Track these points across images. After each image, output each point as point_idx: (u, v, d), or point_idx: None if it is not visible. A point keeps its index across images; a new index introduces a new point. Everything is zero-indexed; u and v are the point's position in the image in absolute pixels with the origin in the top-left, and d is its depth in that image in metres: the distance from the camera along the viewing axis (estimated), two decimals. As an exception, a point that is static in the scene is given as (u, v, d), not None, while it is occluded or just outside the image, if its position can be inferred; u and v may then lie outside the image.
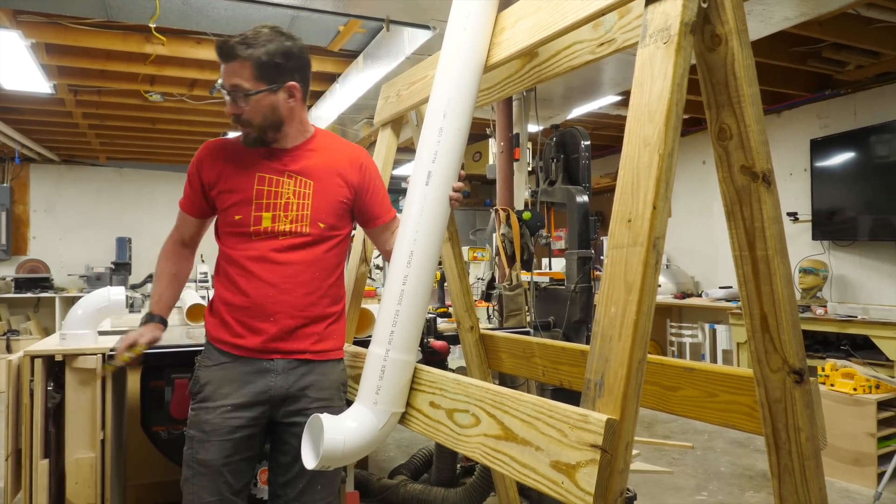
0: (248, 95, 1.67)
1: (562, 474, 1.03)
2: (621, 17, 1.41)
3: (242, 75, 1.65)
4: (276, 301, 1.72)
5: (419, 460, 3.55)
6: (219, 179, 1.77)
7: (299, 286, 1.74)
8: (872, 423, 3.61)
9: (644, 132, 1.06)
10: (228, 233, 1.77)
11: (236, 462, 1.72)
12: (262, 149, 1.77)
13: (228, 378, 1.73)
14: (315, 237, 1.76)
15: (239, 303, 1.74)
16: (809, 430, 1.18)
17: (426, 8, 3.20)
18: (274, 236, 1.73)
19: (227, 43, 1.64)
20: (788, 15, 3.23)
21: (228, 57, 1.65)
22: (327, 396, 1.78)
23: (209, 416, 1.71)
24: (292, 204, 1.74)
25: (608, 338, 1.03)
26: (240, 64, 1.65)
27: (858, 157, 5.37)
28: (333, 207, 1.79)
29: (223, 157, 1.78)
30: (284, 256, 1.73)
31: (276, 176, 1.75)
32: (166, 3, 3.43)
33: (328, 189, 1.78)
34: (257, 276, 1.72)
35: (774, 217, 1.14)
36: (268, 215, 1.73)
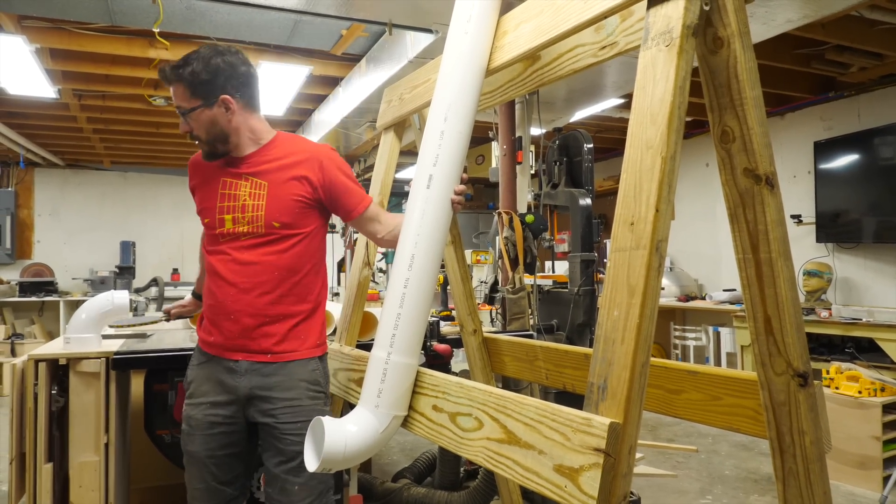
0: (187, 113, 1.80)
1: (565, 478, 1.03)
2: (623, 20, 1.41)
3: (180, 95, 1.79)
4: (236, 300, 1.80)
5: (422, 464, 3.54)
6: (196, 187, 1.94)
7: (258, 285, 1.80)
8: (878, 427, 3.60)
9: (646, 135, 1.06)
10: (205, 235, 1.92)
11: (220, 456, 1.84)
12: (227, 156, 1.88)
13: (206, 376, 1.86)
14: (271, 236, 1.82)
15: (210, 302, 1.87)
16: (814, 433, 1.17)
17: (428, 11, 3.20)
18: (236, 237, 1.83)
19: (164, 68, 1.79)
20: (791, 17, 3.22)
21: (168, 81, 1.79)
22: (294, 397, 1.81)
23: (193, 411, 1.85)
24: (248, 205, 1.82)
25: (611, 341, 1.03)
26: (176, 85, 1.79)
27: (862, 160, 5.36)
28: (288, 206, 1.83)
29: (199, 168, 1.94)
30: (244, 256, 1.82)
31: (235, 180, 1.85)
32: (170, 7, 3.44)
33: (282, 189, 1.83)
34: (220, 276, 1.83)
35: (778, 220, 1.13)
36: (228, 217, 1.83)
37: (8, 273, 8.27)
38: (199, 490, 1.85)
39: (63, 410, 2.41)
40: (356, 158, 7.53)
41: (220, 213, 1.83)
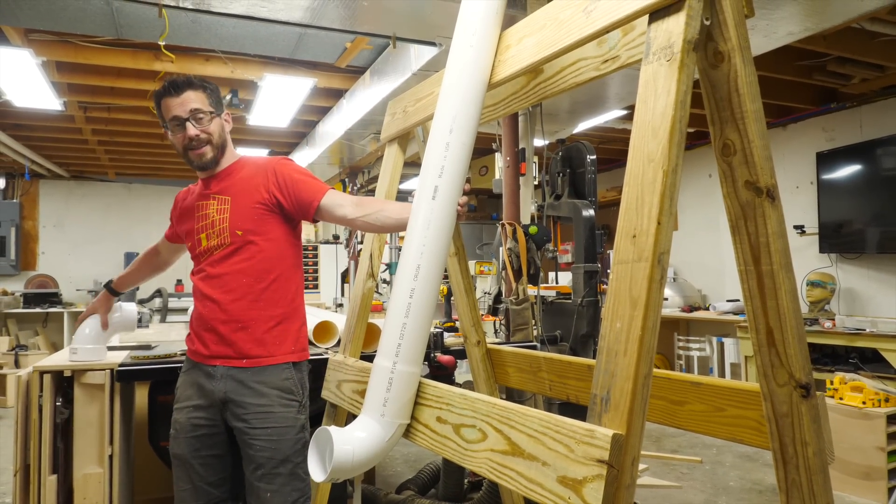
0: (205, 116, 1.93)
1: (568, 489, 1.04)
2: (625, 34, 1.42)
3: (198, 100, 1.92)
4: (213, 310, 1.92)
5: (426, 475, 3.53)
6: (178, 217, 2.13)
7: (228, 293, 1.91)
8: (882, 437, 3.59)
9: (648, 149, 1.07)
10: (192, 259, 2.05)
11: (204, 457, 1.92)
12: (200, 184, 2.05)
13: (190, 382, 1.97)
14: (236, 245, 1.93)
15: (194, 316, 2.00)
16: (817, 444, 1.18)
17: (432, 25, 3.23)
18: (210, 253, 1.95)
19: (176, 80, 1.92)
20: (792, 30, 3.24)
21: (183, 88, 1.91)
22: (265, 403, 1.88)
23: (178, 415, 1.96)
24: (216, 220, 1.96)
25: (614, 353, 1.03)
26: (194, 92, 1.92)
27: (865, 170, 5.37)
28: (249, 213, 1.94)
29: (179, 200, 2.15)
30: (215, 269, 1.94)
31: (205, 201, 2.00)
32: (175, 21, 3.48)
33: (243, 200, 1.96)
34: (200, 291, 1.96)
35: (779, 232, 1.14)
36: (203, 236, 1.97)
37: (12, 284, 8.30)
38: (186, 491, 1.93)
39: (67, 422, 2.41)
40: (360, 170, 7.56)
41: (196, 234, 1.98)
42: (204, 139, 1.93)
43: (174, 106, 1.90)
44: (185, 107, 1.90)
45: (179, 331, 3.90)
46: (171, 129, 1.94)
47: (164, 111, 1.94)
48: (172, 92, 1.91)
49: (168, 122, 1.93)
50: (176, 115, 1.90)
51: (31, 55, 3.94)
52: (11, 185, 8.53)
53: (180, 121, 1.91)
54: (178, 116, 1.90)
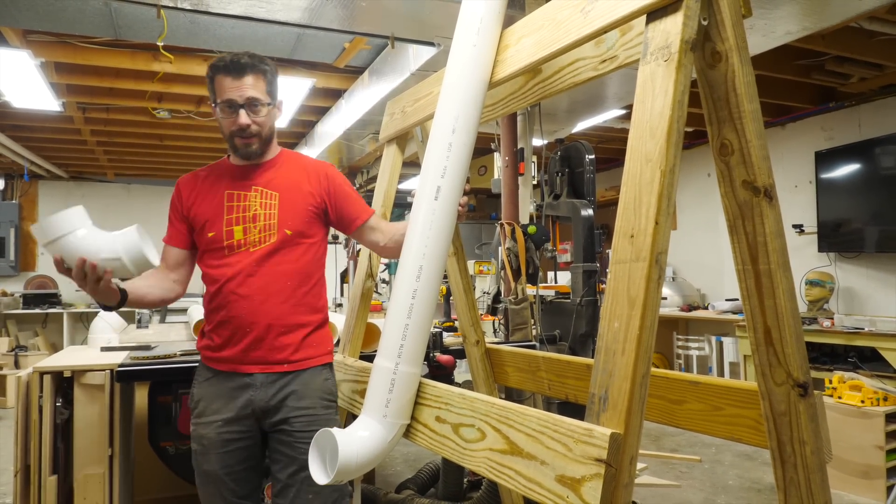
0: (266, 106, 1.80)
1: (567, 488, 1.04)
2: (623, 34, 1.43)
3: (258, 88, 1.78)
4: (252, 312, 1.78)
5: (426, 475, 3.54)
6: (193, 202, 1.88)
7: (272, 295, 1.80)
8: (881, 436, 3.59)
9: (646, 149, 1.07)
10: (205, 251, 1.86)
11: (238, 471, 1.81)
12: (229, 170, 1.89)
13: (216, 394, 1.81)
14: (283, 243, 1.82)
15: (219, 318, 1.82)
16: (814, 443, 1.18)
17: (431, 25, 3.23)
18: (245, 248, 1.81)
19: (238, 59, 1.75)
20: (791, 29, 3.25)
21: (244, 70, 1.75)
22: (308, 405, 1.82)
23: (205, 430, 1.81)
24: (260, 215, 1.82)
25: (612, 352, 1.04)
26: (255, 77, 1.77)
27: (864, 169, 5.37)
28: (300, 214, 1.86)
29: (195, 183, 1.91)
30: (257, 268, 1.80)
31: (243, 191, 1.85)
32: (174, 21, 3.47)
33: (294, 198, 1.86)
34: (233, 291, 1.79)
35: (776, 231, 1.14)
36: (238, 228, 1.81)
37: (12, 285, 8.30)
38: None
39: (67, 423, 2.42)
40: (358, 170, 7.57)
41: (227, 225, 1.81)
42: (255, 131, 1.80)
43: (230, 88, 1.75)
44: (243, 92, 1.75)
45: (179, 331, 3.91)
46: (221, 111, 1.78)
47: (218, 88, 1.77)
48: (232, 71, 1.74)
49: (219, 102, 1.77)
50: (230, 99, 1.75)
51: (30, 56, 3.93)
52: (10, 186, 8.53)
53: (234, 105, 1.76)
54: (232, 101, 1.75)
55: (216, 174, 1.90)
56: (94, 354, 2.73)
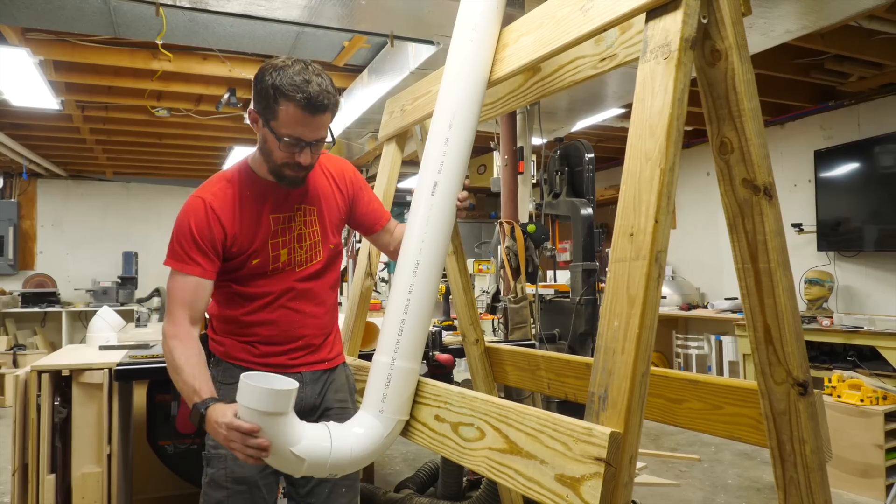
0: (326, 141, 1.65)
1: (566, 487, 1.04)
2: (622, 32, 1.42)
3: (326, 125, 1.63)
4: (303, 325, 1.76)
5: (425, 474, 3.54)
6: (238, 232, 1.68)
7: (320, 306, 1.80)
8: (880, 435, 3.59)
9: (645, 147, 1.07)
10: (243, 276, 1.72)
11: (269, 476, 1.72)
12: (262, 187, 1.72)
13: None
14: (328, 258, 1.81)
15: (265, 332, 1.72)
16: (814, 442, 1.18)
17: (430, 24, 3.23)
18: (291, 268, 1.73)
19: (319, 97, 1.55)
20: (790, 28, 3.24)
21: (324, 111, 1.58)
22: (343, 398, 1.85)
23: None
24: (304, 234, 1.76)
25: (611, 351, 1.04)
26: (328, 116, 1.61)
27: (863, 168, 5.37)
28: (337, 226, 1.85)
29: (234, 205, 1.69)
30: (306, 285, 1.76)
31: (286, 213, 1.73)
32: (173, 19, 3.47)
33: (329, 210, 1.82)
34: (281, 305, 1.72)
35: (776, 230, 1.14)
36: (284, 251, 1.73)
37: (10, 284, 8.29)
38: None
39: (66, 422, 2.41)
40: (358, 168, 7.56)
41: (273, 251, 1.71)
42: (311, 168, 1.68)
43: (304, 125, 1.57)
44: (317, 133, 1.60)
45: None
46: (282, 141, 1.58)
47: (286, 119, 1.56)
48: (311, 110, 1.55)
49: (281, 134, 1.57)
50: (300, 137, 1.58)
51: (29, 54, 3.93)
52: (9, 185, 8.52)
53: (302, 144, 1.59)
54: (302, 139, 1.58)
55: (251, 193, 1.71)
56: (92, 353, 2.73)
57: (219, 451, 1.67)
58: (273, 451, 1.37)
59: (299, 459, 1.39)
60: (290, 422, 1.39)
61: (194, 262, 1.62)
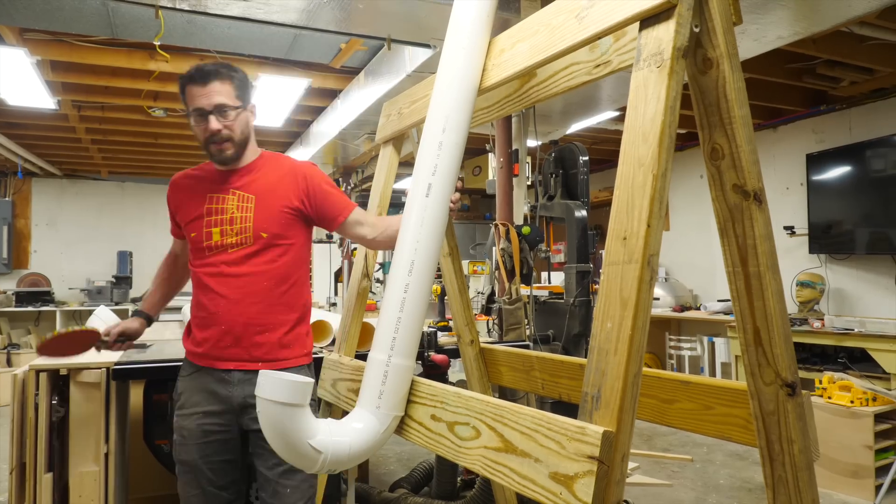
0: (234, 109, 1.85)
1: (560, 485, 1.06)
2: (617, 40, 1.45)
3: (224, 93, 1.83)
4: (228, 311, 1.86)
5: (420, 473, 3.56)
6: (179, 204, 1.98)
7: (248, 296, 1.87)
8: (870, 436, 3.63)
9: (638, 153, 1.10)
10: (191, 250, 1.95)
11: (215, 462, 1.87)
12: (212, 173, 1.96)
13: (198, 387, 1.89)
14: (260, 247, 1.88)
15: (199, 314, 1.91)
16: (802, 441, 1.21)
17: (426, 27, 3.25)
18: (223, 250, 1.88)
19: (204, 67, 1.83)
20: (782, 34, 3.28)
21: (208, 77, 1.82)
22: None
23: (185, 422, 1.89)
24: (236, 218, 1.89)
25: (604, 352, 1.06)
26: (221, 83, 1.83)
27: (854, 172, 5.43)
28: (275, 217, 1.90)
29: (182, 186, 2.00)
30: (234, 269, 1.87)
31: (222, 194, 1.92)
32: (171, 21, 3.48)
33: (269, 201, 1.91)
34: (212, 289, 1.87)
35: (766, 234, 1.17)
36: (216, 230, 1.88)
37: (4, 283, 8.27)
38: (195, 496, 1.88)
39: (63, 420, 2.42)
40: (354, 169, 7.58)
41: (206, 227, 1.89)
42: (226, 135, 1.85)
43: (198, 96, 1.81)
44: (210, 99, 1.81)
45: (174, 330, 3.91)
46: (194, 119, 1.84)
47: (189, 99, 1.84)
48: (198, 80, 1.81)
49: (191, 112, 1.84)
50: (199, 107, 1.81)
51: (26, 54, 3.94)
52: (4, 184, 8.50)
53: (203, 113, 1.82)
54: (201, 108, 1.81)
55: (200, 176, 1.98)
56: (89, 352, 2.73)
57: (174, 436, 1.92)
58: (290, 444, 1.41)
59: (317, 452, 1.42)
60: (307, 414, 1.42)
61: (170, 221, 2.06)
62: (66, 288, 8.54)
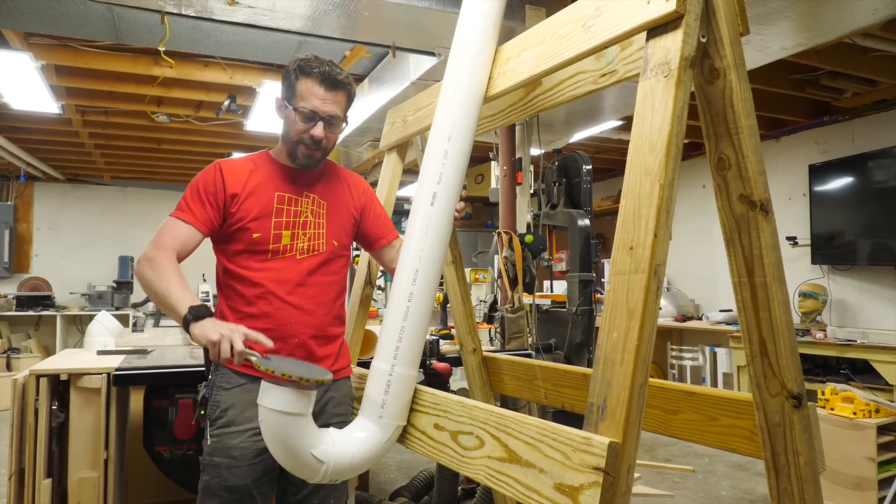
0: (341, 124, 1.80)
1: (565, 496, 1.05)
2: (623, 49, 1.45)
3: (341, 105, 1.77)
4: (299, 322, 1.74)
5: (420, 482, 3.54)
6: (242, 195, 1.74)
7: (320, 307, 1.79)
8: (872, 448, 3.61)
9: (645, 162, 1.09)
10: (243, 251, 1.74)
11: (264, 484, 1.71)
12: (281, 169, 1.83)
13: (251, 401, 1.57)
14: (330, 255, 1.83)
15: (261, 325, 1.67)
16: (808, 454, 1.20)
17: (431, 35, 3.26)
18: (292, 254, 1.76)
19: (333, 72, 1.74)
20: (786, 45, 3.29)
21: (338, 87, 1.74)
22: (343, 412, 1.84)
23: (236, 440, 1.67)
24: (310, 222, 1.80)
25: (610, 362, 1.05)
26: (343, 95, 1.77)
27: (857, 183, 5.42)
28: (345, 227, 1.89)
29: (245, 174, 1.78)
30: (307, 279, 1.77)
31: (295, 196, 1.80)
32: (176, 27, 3.49)
33: (339, 209, 1.88)
34: (280, 298, 1.73)
35: (772, 245, 1.17)
36: (287, 233, 1.76)
37: (5, 287, 8.26)
38: None
39: (63, 426, 2.42)
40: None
41: (276, 229, 1.75)
42: (324, 145, 1.78)
43: (318, 98, 1.72)
44: (329, 108, 1.73)
45: (174, 335, 3.90)
46: (300, 117, 1.73)
47: (303, 92, 1.72)
48: (327, 84, 1.72)
49: (299, 108, 1.72)
50: (315, 109, 1.72)
51: (31, 59, 3.94)
52: (6, 188, 8.51)
53: (315, 117, 1.73)
54: (316, 111, 1.72)
55: (263, 171, 1.80)
56: (90, 358, 2.73)
57: (213, 459, 1.67)
58: (292, 454, 1.40)
59: (319, 462, 1.41)
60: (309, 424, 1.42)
61: (191, 211, 1.71)
62: (67, 292, 8.52)
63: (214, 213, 1.73)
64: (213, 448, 1.69)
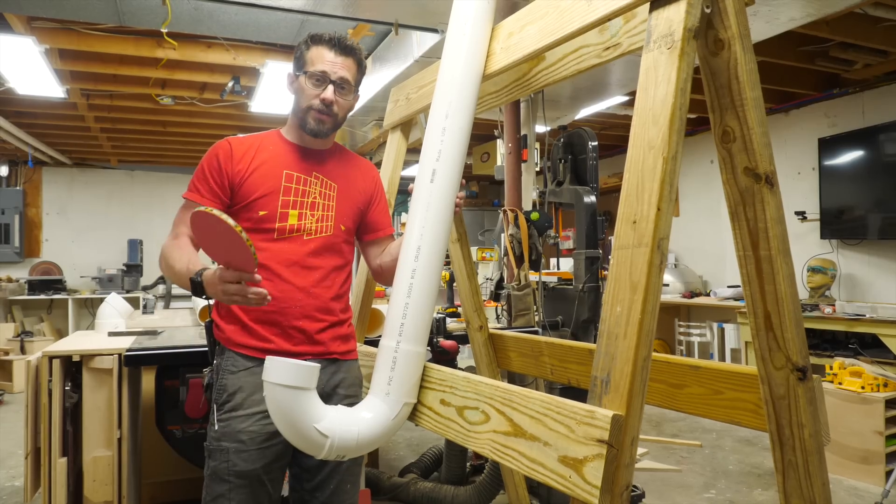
0: (352, 92, 1.79)
1: (569, 468, 1.06)
2: (626, 21, 1.44)
3: (351, 72, 1.77)
4: (305, 304, 1.71)
5: (429, 459, 3.58)
6: (248, 171, 1.72)
7: (326, 289, 1.76)
8: (880, 422, 3.62)
9: (648, 135, 1.09)
10: (250, 230, 1.67)
11: (274, 470, 1.69)
12: (289, 147, 1.80)
13: (259, 384, 1.51)
14: (338, 239, 1.80)
15: (265, 307, 1.60)
16: (812, 426, 1.20)
17: (434, 12, 3.23)
18: (298, 235, 1.72)
19: (345, 40, 1.76)
20: (794, 15, 3.24)
21: (346, 52, 1.75)
22: (354, 393, 1.82)
23: (244, 424, 1.64)
24: (318, 204, 1.77)
25: (614, 336, 1.06)
26: (353, 62, 1.77)
27: (867, 156, 5.37)
28: (354, 212, 1.85)
29: (252, 151, 1.75)
30: (312, 260, 1.74)
31: (304, 175, 1.77)
32: (178, 8, 3.48)
33: (350, 193, 1.84)
34: (285, 280, 1.70)
35: (777, 218, 1.16)
36: (294, 213, 1.72)
37: (16, 271, 8.34)
38: None
39: (77, 406, 2.45)
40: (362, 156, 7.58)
41: (283, 207, 1.71)
42: (335, 111, 1.75)
43: (329, 61, 1.72)
44: (339, 71, 1.73)
45: (184, 316, 3.94)
46: (311, 81, 1.72)
47: (313, 58, 1.72)
48: (337, 48, 1.73)
49: (309, 72, 1.72)
50: (325, 71, 1.71)
51: (34, 43, 3.94)
52: (15, 173, 8.55)
53: (326, 79, 1.72)
54: (326, 73, 1.71)
55: (271, 149, 1.77)
56: (101, 339, 2.76)
57: (220, 444, 1.65)
58: (296, 428, 1.41)
59: (323, 437, 1.43)
60: (313, 399, 1.43)
61: (198, 190, 1.71)
62: (78, 276, 8.60)
63: (220, 189, 1.71)
64: (221, 433, 1.65)
